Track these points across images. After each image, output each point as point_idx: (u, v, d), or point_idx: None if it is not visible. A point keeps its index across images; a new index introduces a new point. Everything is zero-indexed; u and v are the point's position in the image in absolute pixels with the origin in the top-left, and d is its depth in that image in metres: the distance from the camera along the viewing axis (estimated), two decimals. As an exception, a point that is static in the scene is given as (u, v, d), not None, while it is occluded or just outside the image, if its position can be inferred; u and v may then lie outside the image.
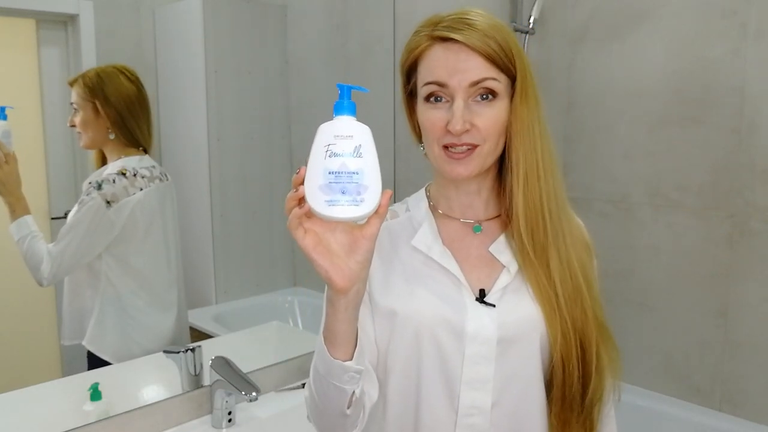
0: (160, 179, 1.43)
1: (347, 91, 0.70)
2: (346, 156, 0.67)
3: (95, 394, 1.28)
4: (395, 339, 0.90)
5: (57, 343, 1.36)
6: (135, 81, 1.39)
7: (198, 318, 1.58)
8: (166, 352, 1.40)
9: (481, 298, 0.89)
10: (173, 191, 1.47)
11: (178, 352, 1.39)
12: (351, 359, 0.78)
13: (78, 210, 1.31)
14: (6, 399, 1.23)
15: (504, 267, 0.91)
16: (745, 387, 1.80)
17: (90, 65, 1.33)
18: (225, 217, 1.63)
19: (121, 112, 1.36)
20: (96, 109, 1.33)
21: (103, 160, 1.38)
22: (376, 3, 1.84)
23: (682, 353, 1.91)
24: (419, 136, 0.93)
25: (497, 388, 0.88)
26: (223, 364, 1.36)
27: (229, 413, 1.36)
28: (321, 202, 0.67)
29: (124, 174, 1.36)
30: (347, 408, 0.81)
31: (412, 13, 1.82)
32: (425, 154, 0.92)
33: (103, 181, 1.33)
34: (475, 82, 0.84)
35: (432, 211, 0.96)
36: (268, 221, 1.72)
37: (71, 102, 1.32)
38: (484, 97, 0.85)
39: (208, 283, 1.62)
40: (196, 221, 1.59)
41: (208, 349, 1.43)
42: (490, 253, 0.92)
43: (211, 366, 1.36)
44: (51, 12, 1.30)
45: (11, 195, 1.25)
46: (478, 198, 0.94)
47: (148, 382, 1.44)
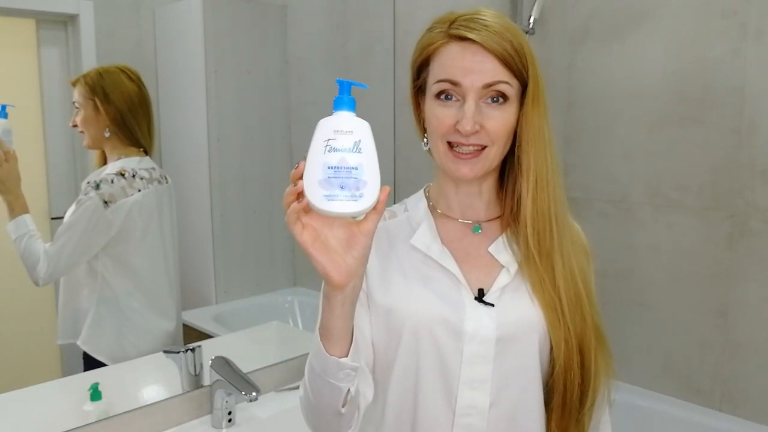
0: (159, 181, 1.43)
1: (347, 87, 0.70)
2: (345, 151, 0.67)
3: (95, 394, 1.28)
4: (393, 338, 0.89)
5: (56, 343, 1.36)
6: (136, 81, 1.39)
7: (198, 318, 1.58)
8: (166, 352, 1.40)
9: (480, 297, 0.89)
10: (172, 194, 1.47)
11: (178, 352, 1.39)
12: (347, 356, 0.78)
13: (75, 209, 1.31)
14: (6, 399, 1.23)
15: (503, 267, 0.91)
16: (745, 387, 1.80)
17: (90, 65, 1.33)
18: (225, 217, 1.63)
19: (121, 111, 1.35)
20: (96, 107, 1.33)
21: (104, 161, 1.38)
22: (376, 3, 1.84)
23: (682, 353, 1.91)
24: (424, 132, 0.93)
25: (495, 388, 0.88)
26: (223, 364, 1.36)
27: (229, 413, 1.36)
28: (320, 197, 0.67)
29: (123, 175, 1.35)
30: (342, 406, 0.81)
31: (412, 13, 1.81)
32: (428, 150, 0.92)
33: (101, 181, 1.33)
34: (489, 85, 0.84)
35: (431, 211, 0.96)
36: (268, 221, 1.72)
37: (73, 101, 1.32)
38: (495, 99, 0.85)
39: (208, 283, 1.62)
40: (196, 221, 1.59)
41: (208, 349, 1.42)
42: (489, 253, 0.92)
43: (211, 366, 1.36)
44: (51, 12, 1.30)
45: (10, 193, 1.24)
46: (479, 199, 0.94)
47: (148, 382, 1.44)
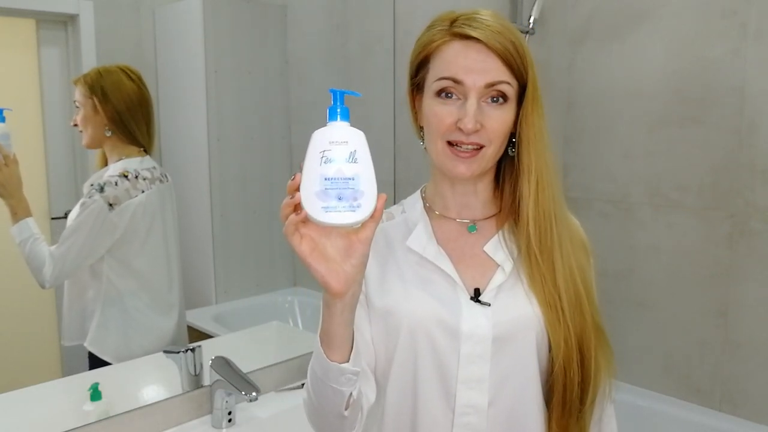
0: (161, 180, 1.43)
1: (340, 97, 0.70)
2: (341, 162, 0.68)
3: (95, 394, 1.28)
4: (392, 340, 0.90)
5: (57, 343, 1.36)
6: (136, 80, 1.38)
7: (198, 318, 1.58)
8: (166, 352, 1.40)
9: (475, 297, 0.89)
10: (173, 192, 1.47)
11: (178, 352, 1.39)
12: (348, 361, 0.78)
13: (80, 212, 1.31)
14: (6, 399, 1.23)
15: (498, 266, 0.91)
16: (745, 387, 1.80)
17: (90, 65, 1.32)
18: (225, 217, 1.63)
19: (120, 110, 1.35)
20: (95, 107, 1.32)
21: (105, 161, 1.38)
22: (376, 3, 1.84)
23: (682, 353, 1.91)
24: (420, 129, 0.93)
25: (493, 387, 0.88)
26: (223, 364, 1.36)
27: (229, 413, 1.36)
28: (318, 209, 0.67)
29: (126, 176, 1.35)
30: (345, 409, 0.81)
31: (412, 13, 1.81)
32: (425, 148, 0.92)
33: (105, 183, 1.33)
34: (491, 84, 0.85)
35: (427, 212, 0.96)
36: (268, 221, 1.72)
37: (74, 100, 1.32)
38: (495, 99, 0.86)
39: (208, 283, 1.62)
40: (196, 221, 1.59)
41: (208, 349, 1.43)
42: (484, 252, 0.92)
43: (211, 366, 1.36)
44: (51, 12, 1.30)
45: (12, 197, 1.24)
46: (476, 198, 0.94)
47: (148, 382, 1.44)
